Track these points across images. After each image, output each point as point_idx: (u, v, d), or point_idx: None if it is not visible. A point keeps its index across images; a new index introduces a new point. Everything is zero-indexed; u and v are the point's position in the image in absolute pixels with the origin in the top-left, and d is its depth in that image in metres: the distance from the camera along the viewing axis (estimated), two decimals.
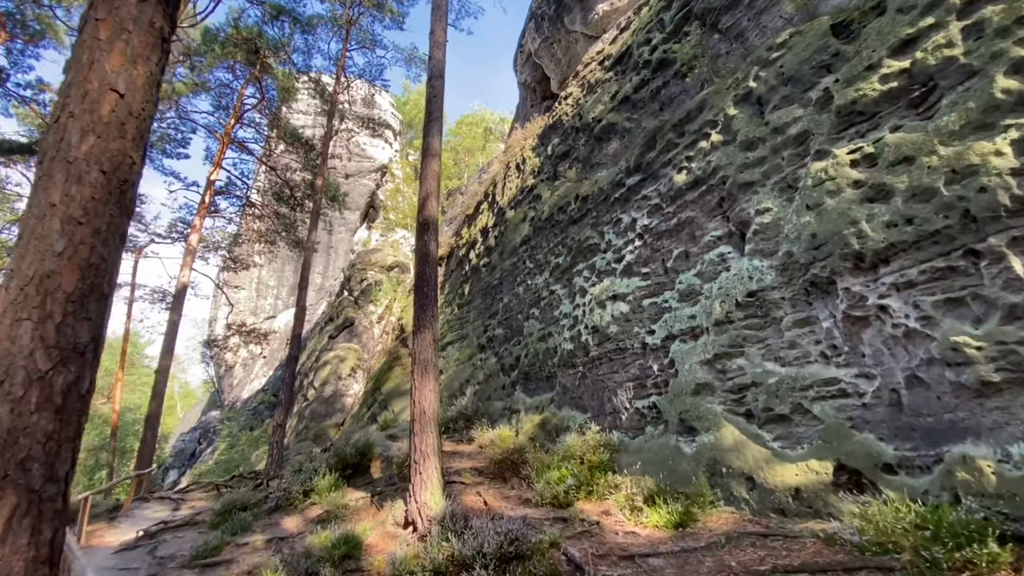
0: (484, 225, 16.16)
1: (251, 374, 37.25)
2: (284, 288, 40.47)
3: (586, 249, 9.41)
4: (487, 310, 13.62)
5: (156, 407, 17.27)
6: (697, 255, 6.93)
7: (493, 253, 14.46)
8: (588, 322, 8.55)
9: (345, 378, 21.16)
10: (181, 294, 19.01)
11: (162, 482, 32.74)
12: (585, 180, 10.60)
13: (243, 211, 25.60)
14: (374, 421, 15.94)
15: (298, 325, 14.94)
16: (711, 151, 7.29)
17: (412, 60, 20.37)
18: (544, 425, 8.83)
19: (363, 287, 24.07)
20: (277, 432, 13.61)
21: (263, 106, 23.37)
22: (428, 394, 7.22)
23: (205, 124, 22.88)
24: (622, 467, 6.78)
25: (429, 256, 8.01)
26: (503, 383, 11.24)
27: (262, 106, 23.33)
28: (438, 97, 9.14)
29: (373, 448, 9.88)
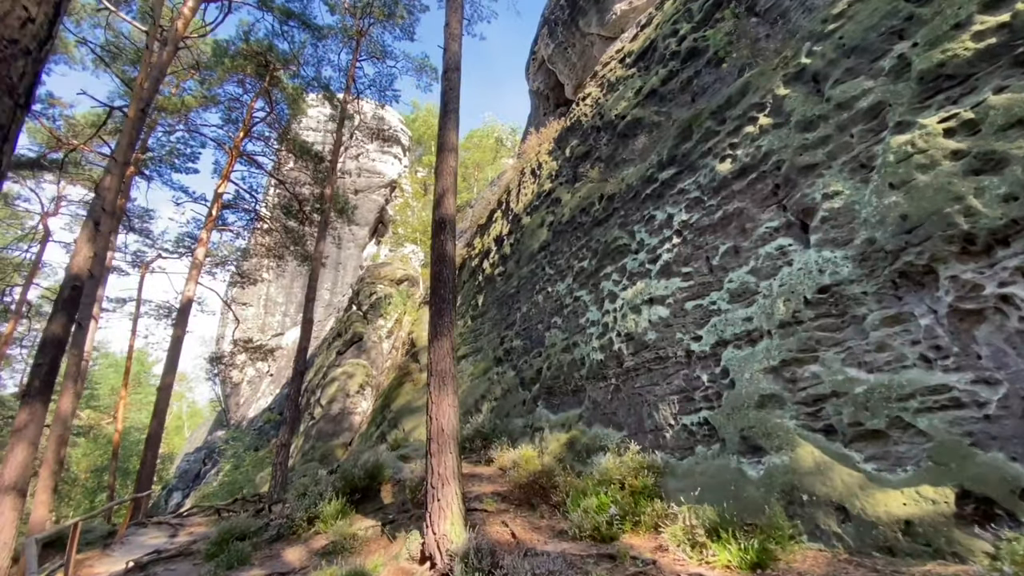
0: (498, 233, 15.49)
1: (257, 392, 36.54)
2: (292, 305, 39.98)
3: (614, 251, 8.65)
4: (503, 321, 12.84)
5: (157, 426, 16.55)
6: (750, 250, 6.14)
7: (509, 261, 13.74)
8: (620, 329, 7.75)
9: (353, 395, 20.35)
10: (186, 309, 18.45)
11: (166, 504, 31.84)
12: (609, 179, 9.90)
13: (251, 225, 25.25)
14: (383, 440, 15.08)
15: (305, 339, 14.24)
16: (760, 136, 6.56)
17: (423, 69, 20.03)
18: (572, 445, 7.96)
19: (372, 301, 23.42)
20: (281, 453, 12.80)
21: (272, 119, 23.15)
22: (447, 409, 6.42)
23: (214, 137, 22.64)
24: (670, 493, 5.90)
25: (446, 256, 7.30)
26: (523, 398, 10.39)
27: (271, 119, 23.09)
28: (454, 90, 8.54)
29: (383, 470, 9.04)
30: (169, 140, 22.87)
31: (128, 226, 23.42)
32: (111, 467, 20.85)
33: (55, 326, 10.04)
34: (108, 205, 10.35)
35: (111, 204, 10.38)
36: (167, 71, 13.80)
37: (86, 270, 9.92)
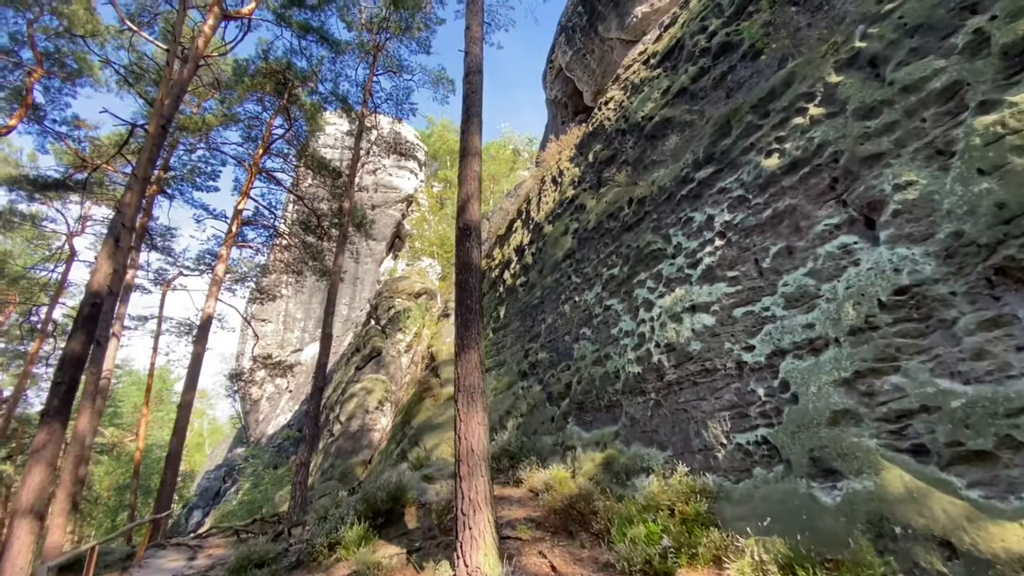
0: (519, 243, 15.09)
1: (277, 409, 36.46)
2: (311, 321, 40.06)
3: (648, 256, 8.16)
4: (527, 333, 12.36)
5: (177, 444, 16.36)
6: (806, 250, 5.60)
7: (531, 271, 13.30)
8: (659, 339, 7.21)
9: (372, 411, 19.97)
10: (206, 325, 18.37)
11: (186, 523, 31.69)
12: (639, 182, 9.44)
13: (270, 241, 25.35)
14: (404, 458, 14.61)
15: (324, 354, 13.94)
16: (811, 127, 6.05)
17: (439, 82, 19.95)
18: (609, 465, 7.39)
19: (390, 315, 23.16)
20: (300, 472, 12.42)
21: (291, 136, 23.31)
22: (476, 428, 5.95)
23: (234, 155, 22.87)
24: (727, 521, 5.31)
25: (471, 264, 6.89)
26: (551, 414, 9.86)
27: (290, 136, 23.26)
28: (476, 93, 8.23)
29: (407, 492, 8.56)
30: (191, 159, 23.15)
31: (151, 244, 23.64)
32: (132, 486, 20.71)
33: (74, 344, 9.87)
34: (128, 221, 10.23)
35: (131, 220, 10.26)
36: (187, 88, 13.84)
37: (105, 287, 9.77)
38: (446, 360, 16.82)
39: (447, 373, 16.13)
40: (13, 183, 18.98)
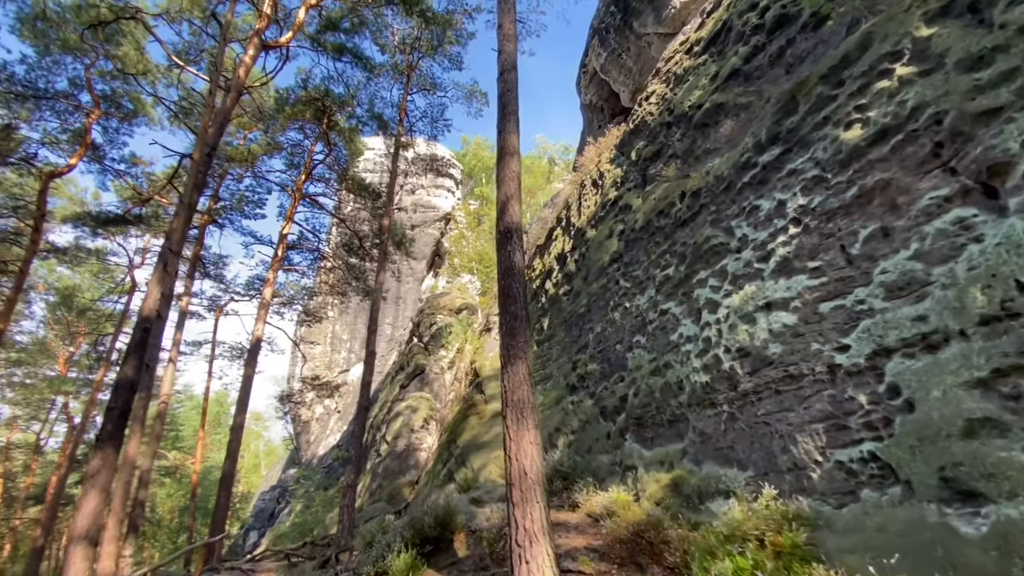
0: (560, 251, 14.51)
1: (326, 430, 36.97)
2: (357, 341, 40.69)
3: (708, 252, 7.39)
4: (574, 344, 11.69)
5: (230, 466, 16.54)
6: (908, 229, 4.76)
7: (575, 279, 12.67)
8: (729, 344, 6.42)
9: (418, 430, 19.66)
10: (256, 348, 18.70)
11: (244, 543, 32.30)
12: (691, 174, 8.71)
13: (315, 264, 25.92)
14: (451, 479, 14.10)
15: (368, 373, 13.74)
16: (900, 89, 5.23)
17: (472, 96, 19.88)
18: (678, 487, 6.59)
19: (432, 332, 22.97)
20: (348, 494, 12.12)
21: (331, 161, 23.87)
22: (528, 448, 5.36)
23: (278, 182, 23.59)
24: (832, 554, 4.45)
25: (515, 268, 6.37)
26: (606, 431, 9.11)
27: (330, 161, 23.82)
28: (512, 91, 7.81)
29: (455, 517, 8.01)
30: (238, 188, 24.07)
31: (204, 272, 24.61)
32: (190, 508, 21.17)
33: (127, 369, 10.01)
34: (175, 246, 10.38)
35: (177, 244, 10.42)
36: (230, 117, 14.22)
37: (155, 311, 9.89)
38: (490, 375, 16.32)
39: (491, 389, 15.61)
40: (78, 220, 20.20)
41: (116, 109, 19.53)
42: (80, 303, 25.65)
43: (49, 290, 28.49)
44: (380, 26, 19.19)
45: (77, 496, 9.02)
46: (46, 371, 30.41)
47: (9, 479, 28.71)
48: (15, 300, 16.15)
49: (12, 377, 29.15)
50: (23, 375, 30.18)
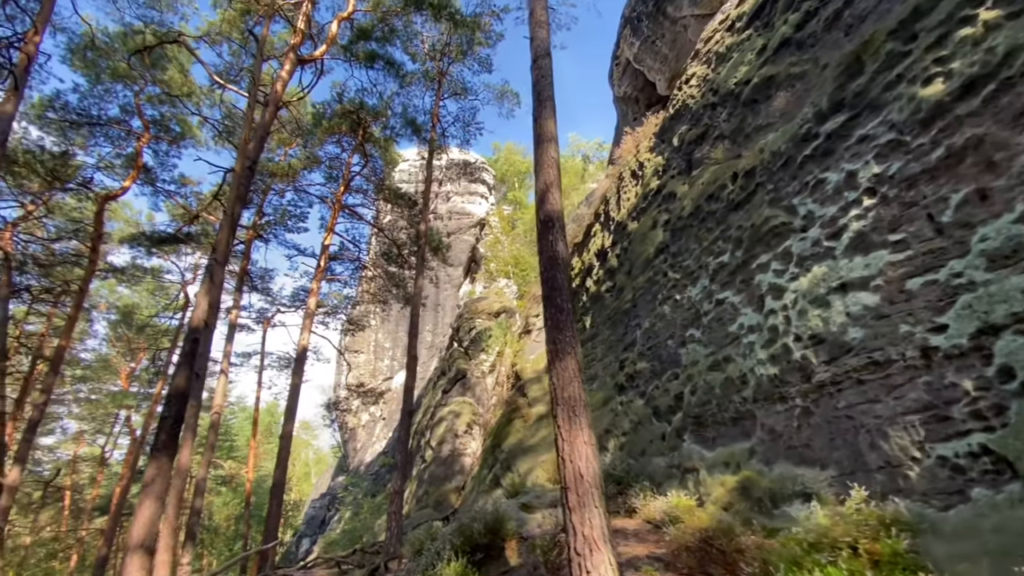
0: (599, 247, 14.05)
1: (372, 437, 37.51)
2: (399, 349, 41.20)
3: (768, 234, 6.82)
4: (620, 342, 11.20)
5: (280, 475, 16.82)
6: (1011, 188, 4.13)
7: (617, 274, 12.18)
8: (799, 331, 5.84)
9: (462, 435, 19.50)
10: (302, 357, 19.06)
11: (297, 550, 33.06)
12: (743, 153, 8.14)
13: (357, 274, 26.40)
14: (498, 485, 13.80)
15: (410, 378, 13.67)
16: (986, 35, 4.61)
17: (504, 96, 19.74)
18: (747, 490, 6.04)
19: (472, 336, 22.84)
20: (395, 501, 12.01)
21: (368, 172, 24.31)
22: (582, 448, 4.98)
23: (319, 195, 24.17)
24: (940, 561, 3.85)
25: (558, 258, 6.03)
26: (661, 431, 8.58)
27: (367, 172, 24.25)
28: (546, 77, 7.52)
29: (505, 523, 7.68)
30: (281, 203, 24.82)
31: (251, 286, 25.46)
32: (244, 516, 21.75)
33: (179, 379, 10.26)
34: (220, 256, 10.61)
35: (223, 255, 10.65)
36: (270, 131, 14.57)
37: (203, 321, 10.10)
38: (531, 378, 15.97)
39: (534, 392, 15.25)
40: (134, 240, 21.28)
41: (165, 132, 20.50)
42: (138, 320, 27.03)
43: (110, 309, 30.24)
44: (409, 35, 19.38)
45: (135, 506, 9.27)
46: (109, 386, 32.25)
47: (77, 491, 30.46)
48: (76, 318, 17.09)
49: (78, 393, 31.03)
50: (88, 391, 32.11)
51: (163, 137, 20.61)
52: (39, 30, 12.27)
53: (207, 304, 10.32)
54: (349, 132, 22.02)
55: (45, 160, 18.18)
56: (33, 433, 14.63)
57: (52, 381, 15.91)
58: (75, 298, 17.51)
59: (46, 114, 17.72)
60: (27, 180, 18.51)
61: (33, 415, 14.94)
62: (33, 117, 18.08)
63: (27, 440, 14.29)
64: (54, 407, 32.61)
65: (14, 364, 23.10)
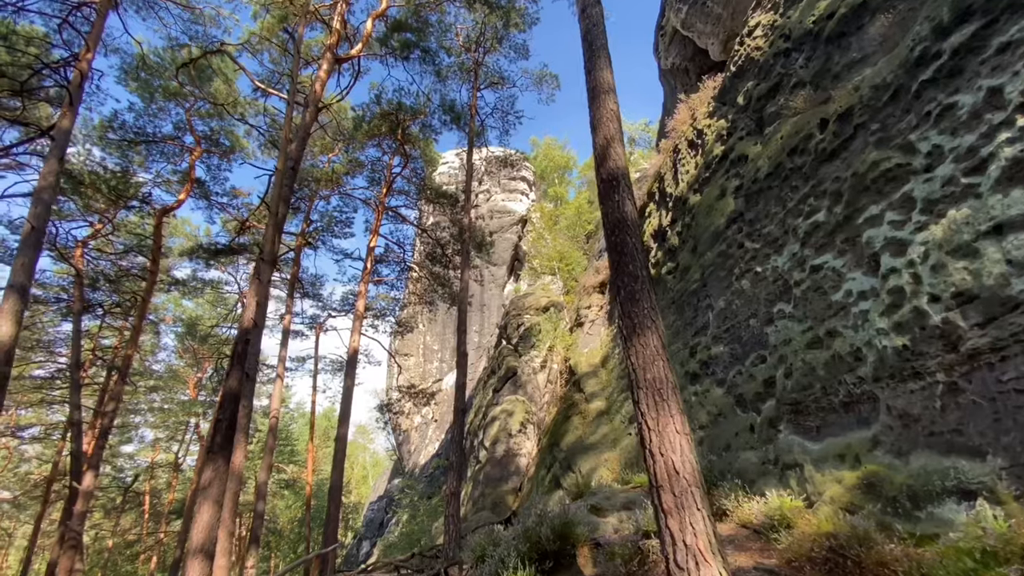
0: (656, 228, 13.00)
1: (425, 439, 37.55)
2: (447, 351, 41.18)
3: (877, 181, 5.70)
4: (688, 326, 10.16)
5: (337, 477, 16.73)
6: None
7: (679, 253, 11.13)
8: (937, 290, 4.73)
9: (516, 434, 18.82)
10: (353, 360, 19.01)
11: (357, 553, 33.48)
12: (833, 94, 6.99)
13: (403, 276, 26.41)
14: (558, 486, 13.00)
15: (462, 375, 13.13)
16: None
17: (543, 80, 18.99)
18: (873, 488, 4.97)
19: (520, 333, 22.15)
20: (452, 503, 11.46)
21: (409, 173, 24.25)
22: (675, 439, 4.13)
23: (362, 198, 24.29)
24: None
25: (627, 220, 5.20)
26: (748, 423, 7.53)
27: (408, 173, 24.19)
28: (598, 26, 6.70)
29: (575, 528, 6.89)
30: (327, 208, 25.15)
31: (302, 292, 25.90)
32: (305, 519, 21.99)
33: (232, 381, 10.13)
34: (267, 255, 10.44)
35: (269, 254, 10.46)
36: (310, 131, 14.46)
37: (251, 320, 9.92)
38: (587, 372, 15.07)
39: (591, 387, 14.34)
40: (192, 253, 22.02)
41: (215, 147, 21.09)
42: (202, 331, 28.10)
43: (176, 322, 31.70)
44: (443, 28, 19.00)
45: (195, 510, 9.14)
46: (180, 396, 33.89)
47: (155, 496, 32.04)
48: (140, 329, 17.71)
49: (152, 403, 32.74)
50: (161, 400, 33.85)
51: (214, 151, 21.21)
52: (91, 48, 12.64)
53: (255, 303, 10.15)
54: (389, 133, 21.96)
55: (108, 179, 19.06)
56: (105, 440, 15.17)
57: (121, 389, 16.51)
58: (139, 309, 18.15)
59: (107, 135, 18.54)
60: (93, 200, 19.46)
61: (104, 423, 15.52)
62: (96, 139, 19.00)
63: (100, 447, 14.82)
64: (131, 416, 34.67)
65: (91, 376, 24.51)
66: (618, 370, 13.56)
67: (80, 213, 20.86)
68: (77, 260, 19.71)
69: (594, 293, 17.01)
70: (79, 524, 13.60)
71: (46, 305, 21.23)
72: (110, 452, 35.93)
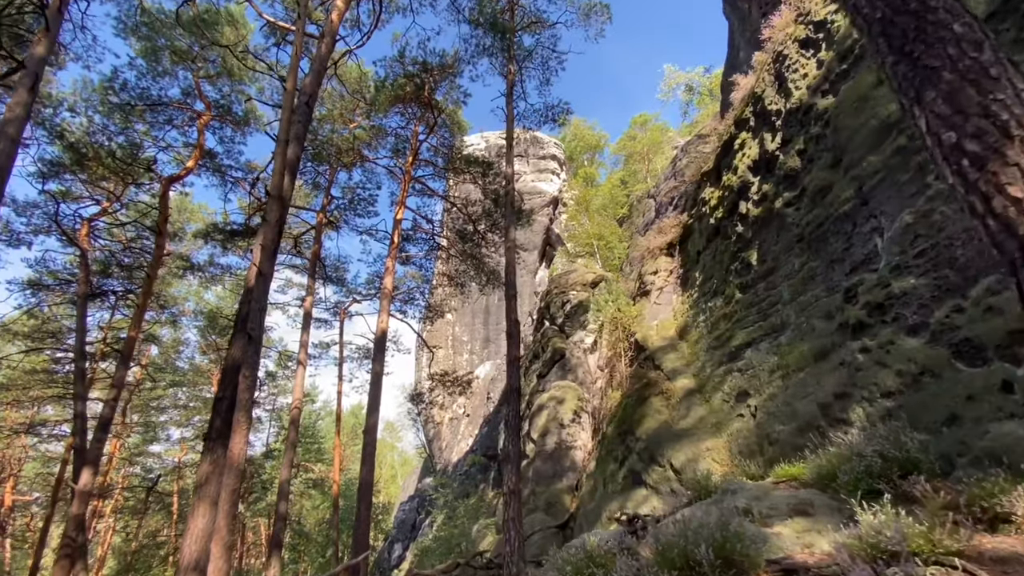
0: (756, 157, 10.37)
1: (457, 435, 35.38)
2: (477, 342, 38.98)
3: None
4: (832, 266, 7.54)
5: (367, 473, 14.52)
6: None
7: (807, 174, 8.50)
8: None
9: (568, 424, 16.35)
10: (382, 342, 16.81)
11: (389, 556, 31.47)
12: None
13: (432, 255, 24.31)
14: (639, 482, 10.47)
15: (513, 347, 10.76)
16: None
17: (591, 13, 16.45)
18: None
19: (567, 311, 19.66)
20: (511, 503, 9.07)
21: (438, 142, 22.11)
22: None
23: (387, 166, 22.21)
24: None
25: None
26: (992, 380, 4.90)
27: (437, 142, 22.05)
28: None
29: (737, 544, 4.39)
30: (348, 181, 23.16)
31: (324, 276, 23.96)
32: (333, 521, 19.96)
33: (234, 350, 7.98)
34: (274, 189, 8.24)
35: (276, 188, 8.27)
36: (327, 65, 12.27)
37: (256, 270, 7.73)
38: (662, 346, 12.49)
39: (671, 362, 11.78)
40: (207, 235, 20.26)
41: (227, 114, 19.22)
42: (222, 323, 26.47)
43: (197, 316, 30.20)
44: None
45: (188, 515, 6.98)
46: (205, 393, 32.48)
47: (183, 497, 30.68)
48: (145, 306, 15.88)
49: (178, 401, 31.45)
50: (187, 398, 32.54)
51: (226, 119, 19.36)
52: None
53: (259, 250, 7.97)
54: (413, 98, 19.79)
55: (113, 151, 17.36)
56: (105, 433, 13.29)
57: (123, 374, 14.66)
58: (144, 285, 16.33)
59: (108, 98, 16.78)
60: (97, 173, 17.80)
61: (104, 412, 13.65)
62: (98, 105, 17.27)
63: (99, 440, 12.92)
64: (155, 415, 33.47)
65: (104, 369, 23.00)
66: (708, 340, 10.96)
67: (87, 193, 19.28)
68: (82, 240, 18.04)
69: (661, 256, 14.39)
70: (75, 530, 11.71)
71: (50, 291, 19.63)
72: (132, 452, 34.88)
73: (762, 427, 8.11)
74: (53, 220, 17.67)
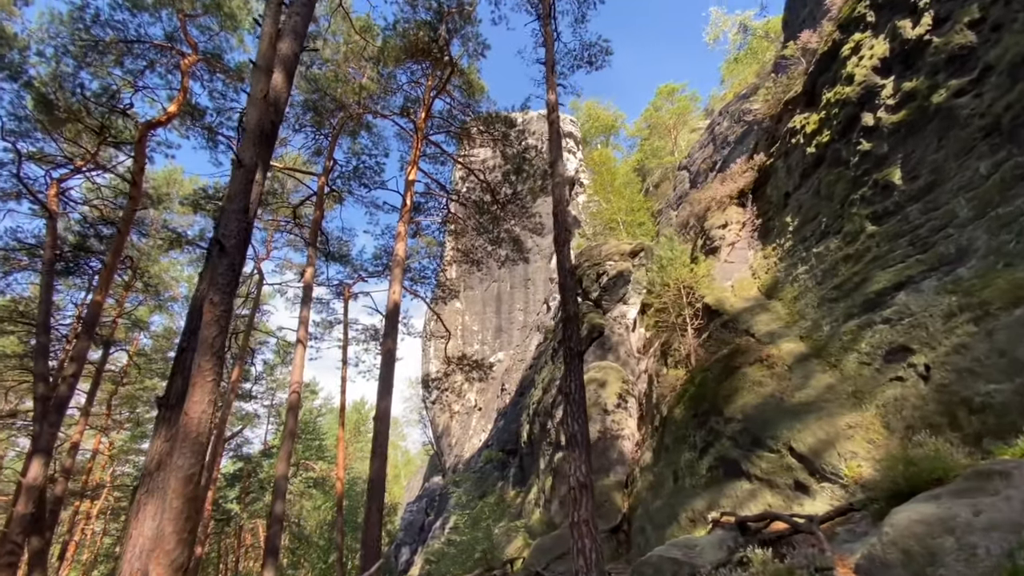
0: (881, 56, 8.03)
1: (468, 430, 32.99)
2: (488, 331, 36.65)
3: None
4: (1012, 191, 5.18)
5: (379, 467, 12.19)
6: None
7: (984, 51, 6.16)
8: None
9: (613, 410, 13.99)
10: (394, 316, 14.47)
11: (395, 560, 29.06)
12: None
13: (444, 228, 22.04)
14: (735, 473, 8.08)
15: (572, 303, 8.39)
16: None
17: None
18: None
19: (603, 284, 17.31)
20: (581, 501, 6.70)
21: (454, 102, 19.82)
22: None
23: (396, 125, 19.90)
24: None
25: None
26: None
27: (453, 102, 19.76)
28: None
29: None
30: (353, 146, 20.86)
31: (327, 250, 21.67)
32: (338, 523, 17.58)
33: (202, 286, 5.67)
34: (260, 59, 5.89)
35: (264, 57, 5.92)
36: None
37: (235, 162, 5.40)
38: (747, 308, 10.15)
39: (763, 325, 9.43)
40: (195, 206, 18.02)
41: (216, 61, 16.90)
42: None
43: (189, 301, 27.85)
44: None
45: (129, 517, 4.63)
46: None
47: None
48: (114, 267, 13.53)
49: None
50: None
51: (216, 68, 17.03)
52: None
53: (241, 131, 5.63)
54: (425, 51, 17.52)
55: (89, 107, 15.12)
56: (60, 415, 10.94)
57: (86, 346, 12.30)
58: (114, 244, 13.99)
59: (79, 34, 14.45)
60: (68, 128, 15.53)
61: (62, 390, 11.29)
62: (67, 46, 14.91)
63: (52, 425, 10.57)
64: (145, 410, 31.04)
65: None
66: (818, 292, 8.61)
67: (59, 151, 16.97)
68: (51, 201, 15.74)
69: (731, 206, 12.03)
70: (18, 531, 9.36)
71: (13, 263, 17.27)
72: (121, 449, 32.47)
73: (948, 390, 5.75)
74: (15, 177, 15.35)
